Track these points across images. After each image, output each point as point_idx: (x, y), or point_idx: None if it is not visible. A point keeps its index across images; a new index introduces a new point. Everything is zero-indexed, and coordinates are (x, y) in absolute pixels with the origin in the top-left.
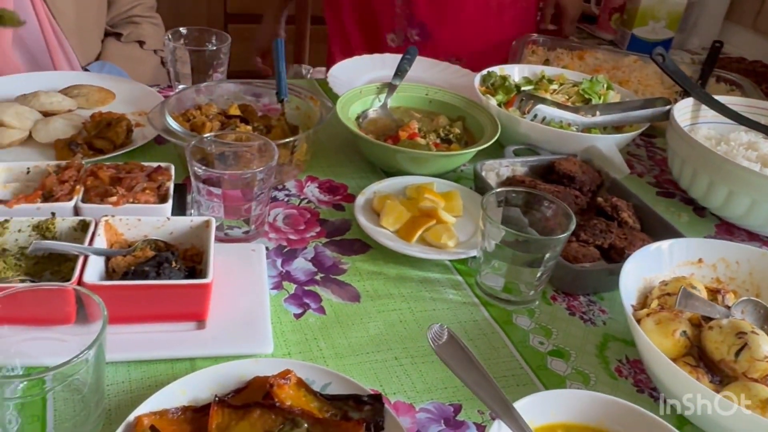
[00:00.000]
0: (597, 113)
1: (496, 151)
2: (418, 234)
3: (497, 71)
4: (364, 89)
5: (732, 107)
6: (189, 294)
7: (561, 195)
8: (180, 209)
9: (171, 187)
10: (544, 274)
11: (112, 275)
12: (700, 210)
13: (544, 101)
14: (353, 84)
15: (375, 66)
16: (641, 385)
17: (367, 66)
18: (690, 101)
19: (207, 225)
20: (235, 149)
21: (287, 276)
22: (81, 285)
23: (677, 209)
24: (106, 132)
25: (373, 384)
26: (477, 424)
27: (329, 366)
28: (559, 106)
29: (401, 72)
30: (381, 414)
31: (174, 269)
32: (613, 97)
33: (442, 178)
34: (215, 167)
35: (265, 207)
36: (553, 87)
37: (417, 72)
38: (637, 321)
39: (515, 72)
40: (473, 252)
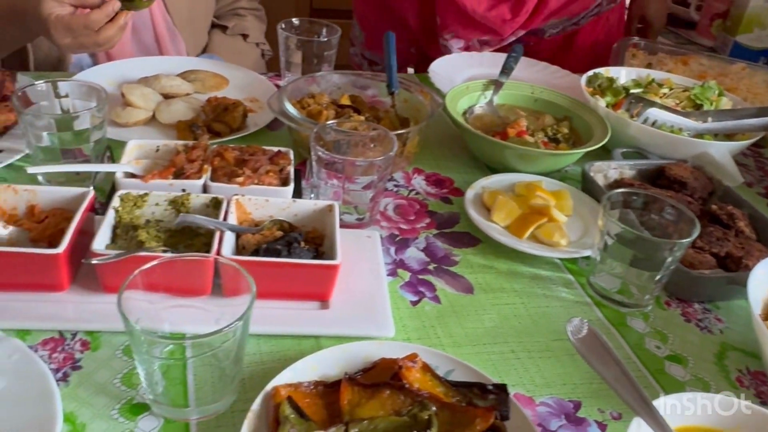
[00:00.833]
0: (709, 119)
1: (600, 153)
2: (529, 231)
3: (603, 72)
4: (470, 85)
5: None
6: (318, 274)
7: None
8: (295, 193)
9: (291, 171)
10: (663, 278)
11: (241, 251)
12: None
13: (653, 104)
14: (453, 79)
15: (473, 63)
16: (764, 397)
17: (465, 63)
18: None
19: (330, 209)
20: (354, 138)
21: (401, 264)
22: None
23: None
24: (223, 116)
25: (492, 375)
26: (598, 422)
27: (448, 354)
28: (670, 110)
29: (507, 69)
30: (506, 404)
31: (303, 249)
32: (725, 104)
33: (547, 177)
34: None
35: (380, 196)
36: (663, 91)
37: (516, 71)
38: None
39: (622, 74)
40: (586, 252)
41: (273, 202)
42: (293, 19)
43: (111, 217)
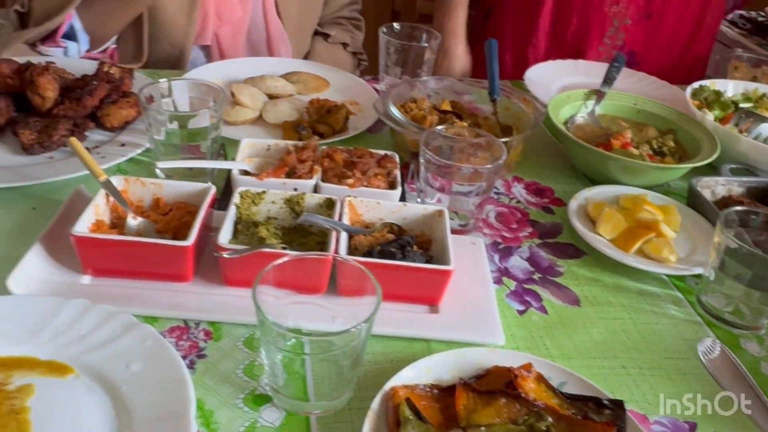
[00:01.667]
0: None
1: (705, 168)
2: (637, 245)
3: (709, 85)
4: (571, 94)
5: None
6: (431, 278)
7: None
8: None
9: (398, 175)
10: None
11: (353, 252)
12: None
13: (765, 120)
14: (549, 88)
15: (569, 71)
16: None
17: (561, 71)
18: None
19: (440, 214)
20: (458, 144)
21: (506, 272)
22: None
23: None
24: (326, 118)
25: (603, 390)
26: None
27: (560, 366)
28: None
29: (609, 80)
30: (623, 420)
31: (417, 253)
32: None
33: (649, 190)
34: None
35: (486, 203)
36: None
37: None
38: None
39: (729, 87)
40: (697, 269)
41: (384, 204)
42: (394, 24)
43: (233, 213)
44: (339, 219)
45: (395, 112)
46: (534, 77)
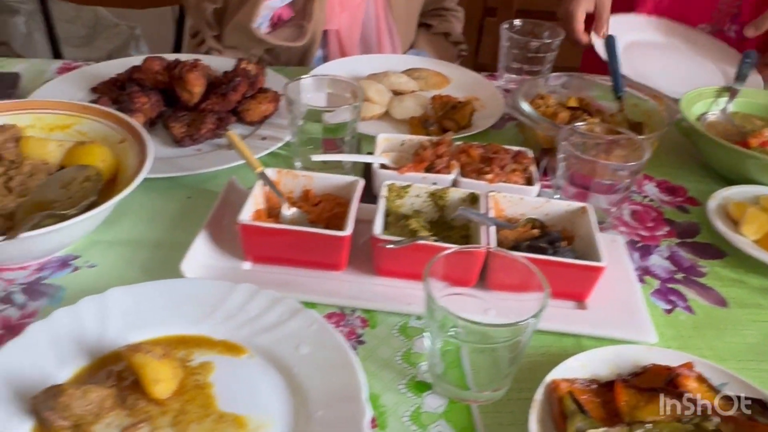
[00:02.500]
0: None
1: None
2: None
3: None
4: (703, 91)
5: None
6: (582, 275)
7: None
8: None
9: (534, 171)
10: None
11: (499, 246)
12: None
13: None
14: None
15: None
16: None
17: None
18: None
19: (583, 211)
20: (592, 141)
21: (647, 271)
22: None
23: None
24: (452, 113)
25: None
26: None
27: (720, 366)
28: None
29: (742, 76)
30: None
31: (567, 249)
32: None
33: None
34: None
35: (624, 201)
36: None
37: None
38: None
39: None
40: None
41: (527, 200)
42: (515, 21)
43: (383, 206)
44: (486, 213)
45: (527, 108)
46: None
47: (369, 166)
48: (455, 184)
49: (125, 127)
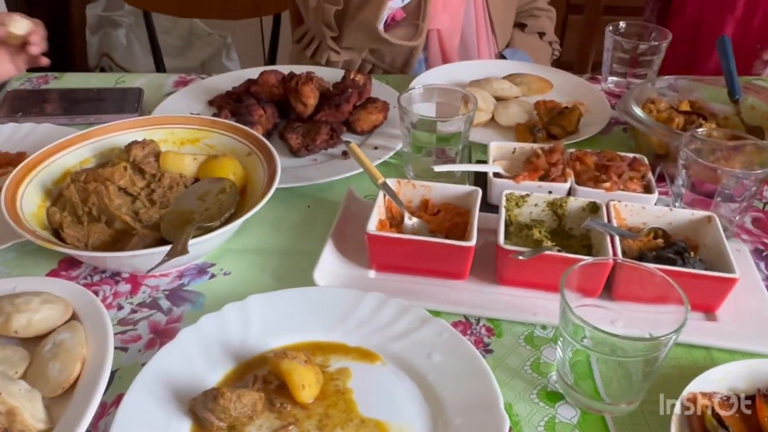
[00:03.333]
0: None
1: None
2: None
3: None
4: None
5: None
6: (713, 286)
7: None
8: None
9: (652, 178)
10: None
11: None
12: None
13: None
14: None
15: None
16: None
17: None
18: None
19: (709, 220)
20: (709, 146)
21: None
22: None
23: None
24: (558, 119)
25: None
26: None
27: None
28: None
29: None
30: None
31: (696, 260)
32: None
33: None
34: None
35: (748, 209)
36: None
37: None
38: None
39: None
40: None
41: (649, 209)
42: (621, 23)
43: (503, 215)
44: (608, 223)
45: (641, 113)
46: None
47: (479, 174)
48: (571, 192)
49: (251, 141)
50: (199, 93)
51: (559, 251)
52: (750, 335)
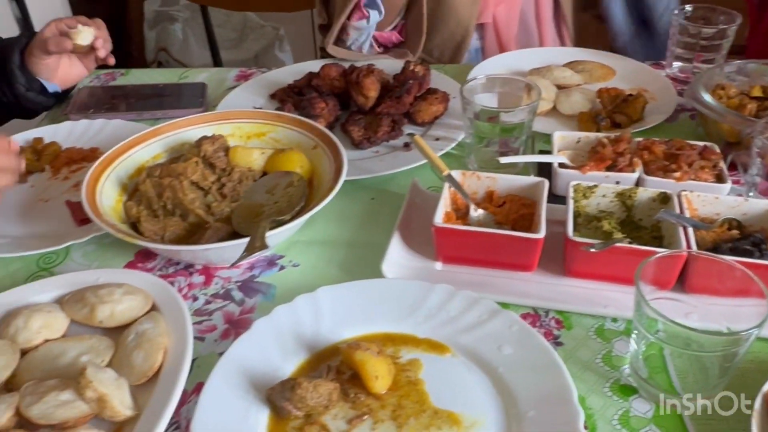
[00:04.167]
0: None
1: None
2: None
3: None
4: None
5: None
6: None
7: None
8: None
9: (724, 167)
10: None
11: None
12: None
13: None
14: None
15: None
16: None
17: None
18: None
19: None
20: None
21: None
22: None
23: None
24: (623, 107)
25: None
26: None
27: None
28: None
29: None
30: None
31: None
32: None
33: None
34: None
35: None
36: None
37: None
38: None
39: None
40: None
41: (722, 199)
42: (687, 6)
43: (571, 207)
44: (681, 214)
45: (711, 100)
46: None
47: (542, 164)
48: (639, 182)
49: (317, 134)
50: (261, 87)
51: (631, 243)
52: None
